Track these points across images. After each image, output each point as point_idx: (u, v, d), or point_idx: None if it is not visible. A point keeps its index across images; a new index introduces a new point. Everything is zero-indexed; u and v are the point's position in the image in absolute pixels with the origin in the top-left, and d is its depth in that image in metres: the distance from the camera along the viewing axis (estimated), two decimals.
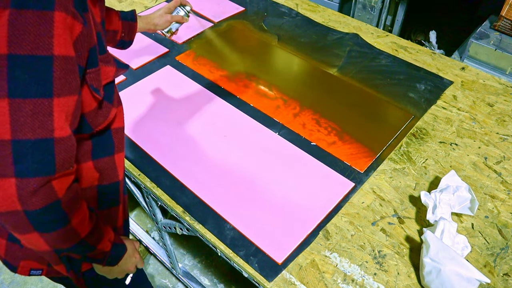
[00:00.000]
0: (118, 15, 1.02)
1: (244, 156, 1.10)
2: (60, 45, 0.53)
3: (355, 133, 1.16)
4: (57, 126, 0.54)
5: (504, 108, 1.24)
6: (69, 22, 0.54)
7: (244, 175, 1.05)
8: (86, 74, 0.61)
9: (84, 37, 0.57)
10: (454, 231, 0.86)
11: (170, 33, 1.19)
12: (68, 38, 0.54)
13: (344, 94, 1.29)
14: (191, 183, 1.03)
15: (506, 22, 1.54)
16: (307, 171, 1.06)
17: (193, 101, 1.26)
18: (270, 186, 1.02)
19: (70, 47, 0.54)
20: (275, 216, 0.96)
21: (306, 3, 1.72)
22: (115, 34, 1.03)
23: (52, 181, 0.56)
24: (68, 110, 0.56)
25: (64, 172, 0.57)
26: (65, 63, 0.54)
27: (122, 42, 1.07)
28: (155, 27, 1.15)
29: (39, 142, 0.53)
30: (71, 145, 0.57)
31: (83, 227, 0.64)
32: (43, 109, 0.53)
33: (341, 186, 1.03)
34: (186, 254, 1.75)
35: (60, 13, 0.52)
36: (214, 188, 1.02)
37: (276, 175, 1.05)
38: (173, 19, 1.16)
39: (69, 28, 0.54)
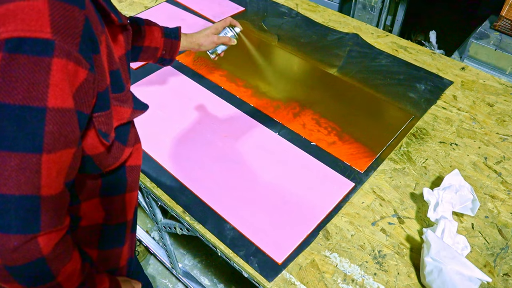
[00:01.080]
0: (161, 31, 0.99)
1: (244, 156, 1.10)
2: (56, 96, 0.47)
3: (355, 133, 1.16)
4: (45, 183, 0.49)
5: (504, 108, 1.24)
6: (70, 69, 0.48)
7: (244, 175, 1.05)
8: (93, 117, 0.55)
9: (89, 84, 0.51)
10: (454, 230, 0.86)
11: (215, 54, 1.13)
12: (66, 87, 0.48)
13: (344, 94, 1.29)
14: (191, 183, 1.03)
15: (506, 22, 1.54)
16: (307, 171, 1.06)
17: (193, 101, 1.26)
18: (270, 186, 1.02)
19: (68, 98, 0.48)
20: (275, 216, 0.96)
21: (306, 3, 1.72)
22: (156, 51, 1.00)
23: (38, 237, 0.50)
24: (62, 166, 0.50)
25: (51, 230, 0.51)
26: (61, 116, 0.48)
27: (162, 60, 1.04)
28: (199, 47, 1.09)
29: (24, 199, 0.48)
30: (61, 203, 0.52)
31: (70, 282, 0.57)
32: (30, 165, 0.47)
33: (341, 186, 1.03)
34: (186, 254, 1.75)
35: (59, 60, 0.46)
36: (214, 188, 1.02)
37: (276, 175, 1.05)
38: (219, 40, 1.10)
39: (70, 76, 0.48)
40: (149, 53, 1.01)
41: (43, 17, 0.45)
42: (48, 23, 0.46)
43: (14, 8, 0.45)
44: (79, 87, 0.50)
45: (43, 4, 0.46)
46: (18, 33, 0.44)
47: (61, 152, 0.49)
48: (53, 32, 0.46)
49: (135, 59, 1.02)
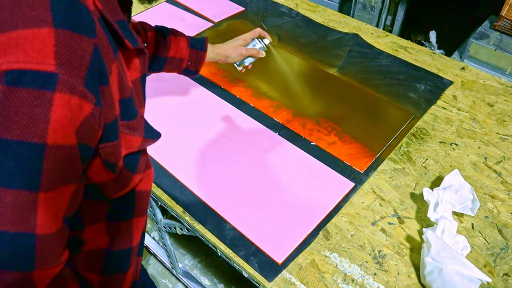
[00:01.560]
0: (187, 41, 0.97)
1: (244, 156, 1.10)
2: (57, 132, 0.43)
3: (355, 133, 1.16)
4: (41, 222, 0.46)
5: (504, 108, 1.24)
6: (74, 104, 0.44)
7: (244, 175, 1.05)
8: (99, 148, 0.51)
9: (95, 118, 0.47)
10: (454, 230, 0.86)
11: (242, 66, 1.11)
12: (68, 123, 0.44)
13: (344, 94, 1.29)
14: (191, 183, 1.03)
15: (506, 22, 1.54)
16: (307, 171, 1.06)
17: (193, 101, 1.26)
18: (270, 186, 1.02)
19: (70, 134, 0.45)
20: (275, 216, 0.96)
21: (306, 3, 1.72)
22: (181, 62, 0.98)
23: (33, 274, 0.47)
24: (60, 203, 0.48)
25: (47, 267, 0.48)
26: (61, 153, 0.45)
27: (187, 71, 1.02)
28: (226, 59, 1.06)
29: (19, 236, 0.45)
30: (58, 241, 0.49)
31: None
32: (26, 203, 0.44)
33: (341, 186, 1.03)
34: (186, 254, 1.75)
35: (62, 95, 0.43)
36: (214, 188, 1.02)
37: (276, 175, 1.05)
38: (247, 53, 1.06)
39: (74, 111, 0.44)
40: (174, 64, 0.99)
41: (47, 48, 0.42)
42: (52, 54, 0.42)
43: (17, 37, 0.42)
44: (83, 122, 0.46)
45: (49, 33, 0.42)
46: (19, 64, 0.41)
47: (61, 189, 0.47)
48: (57, 64, 0.42)
49: (159, 70, 1.01)
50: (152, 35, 0.97)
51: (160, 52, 0.96)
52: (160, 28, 0.98)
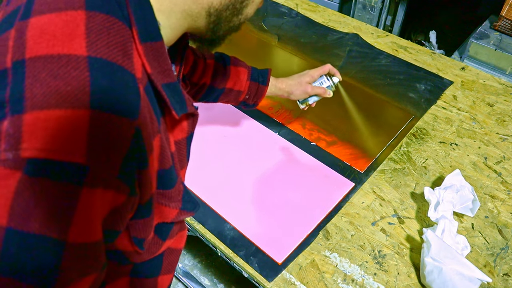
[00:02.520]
0: (248, 73, 0.90)
1: (244, 156, 1.10)
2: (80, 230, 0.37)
3: (355, 133, 1.16)
4: None
5: (504, 108, 1.24)
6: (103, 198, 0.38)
7: (244, 175, 1.05)
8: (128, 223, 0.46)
9: (127, 207, 0.42)
10: (455, 230, 0.86)
11: (306, 105, 1.01)
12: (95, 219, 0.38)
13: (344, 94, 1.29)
14: (191, 183, 1.03)
15: (506, 22, 1.54)
16: (307, 171, 1.06)
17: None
18: (270, 186, 1.02)
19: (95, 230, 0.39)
20: (275, 216, 0.96)
21: (306, 3, 1.72)
22: (239, 95, 0.91)
23: None
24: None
25: None
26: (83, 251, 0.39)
27: (244, 104, 0.95)
28: (288, 96, 0.97)
29: None
30: None
31: None
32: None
33: (341, 186, 1.03)
34: (186, 254, 1.75)
35: (91, 190, 0.37)
36: (214, 188, 1.02)
37: (276, 175, 1.05)
38: (313, 91, 0.96)
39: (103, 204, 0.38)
40: (231, 96, 0.93)
41: (79, 135, 0.35)
42: (84, 143, 0.36)
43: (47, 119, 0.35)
44: (113, 211, 0.40)
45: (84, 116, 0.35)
46: (45, 153, 0.35)
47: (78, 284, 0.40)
48: (88, 155, 0.36)
49: (214, 101, 0.95)
50: (211, 63, 0.90)
51: (217, 83, 0.89)
52: (220, 55, 0.92)
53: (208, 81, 0.91)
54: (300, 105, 1.03)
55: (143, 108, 0.41)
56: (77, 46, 0.37)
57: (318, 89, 0.97)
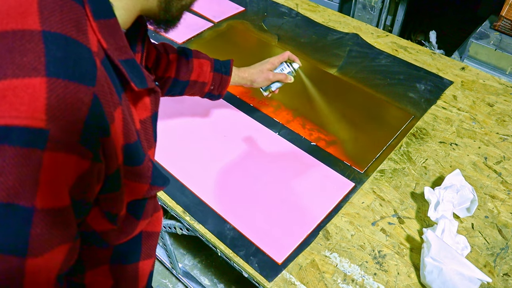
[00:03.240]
0: (211, 65, 0.92)
1: (244, 156, 1.10)
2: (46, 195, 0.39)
3: (355, 133, 1.16)
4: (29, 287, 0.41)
5: (504, 108, 1.24)
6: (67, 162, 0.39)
7: (244, 175, 1.05)
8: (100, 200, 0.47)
9: (92, 174, 0.43)
10: (455, 230, 0.86)
11: (269, 91, 1.04)
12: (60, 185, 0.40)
13: (344, 94, 1.29)
14: (191, 183, 1.03)
15: (506, 22, 1.54)
16: (307, 171, 1.06)
17: (193, 101, 1.26)
18: (270, 186, 1.02)
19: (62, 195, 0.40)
20: (275, 216, 0.96)
21: (306, 3, 1.72)
22: (203, 86, 0.94)
23: None
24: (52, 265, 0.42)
25: None
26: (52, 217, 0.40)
27: (209, 95, 0.98)
28: (251, 84, 1.00)
29: None
30: None
31: None
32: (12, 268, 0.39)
33: (341, 186, 1.03)
34: (186, 254, 1.75)
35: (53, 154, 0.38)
36: (214, 188, 1.02)
37: (276, 175, 1.05)
38: (275, 78, 1.00)
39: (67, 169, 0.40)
40: (196, 88, 0.95)
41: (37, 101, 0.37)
42: (43, 108, 0.37)
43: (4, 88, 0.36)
44: (79, 179, 0.41)
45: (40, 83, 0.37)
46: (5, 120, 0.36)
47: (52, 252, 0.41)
48: (48, 120, 0.37)
49: (180, 94, 0.98)
50: (174, 57, 0.93)
51: (182, 75, 0.92)
52: (182, 50, 0.94)
53: (172, 75, 0.93)
54: (263, 93, 1.05)
55: (100, 78, 0.42)
56: (31, 22, 0.38)
57: (279, 75, 1.00)
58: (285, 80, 1.01)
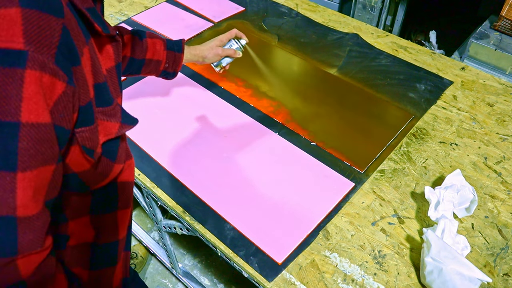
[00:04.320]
0: (163, 44, 0.97)
1: (244, 156, 1.10)
2: (30, 110, 0.44)
3: (355, 133, 1.16)
4: (21, 203, 0.45)
5: (504, 108, 1.24)
6: (45, 82, 0.44)
7: (244, 175, 1.05)
8: (76, 133, 0.52)
9: (68, 97, 0.48)
10: (455, 230, 0.86)
11: (220, 67, 1.10)
12: (41, 101, 0.44)
13: (344, 94, 1.29)
14: (191, 183, 1.03)
15: (506, 22, 1.54)
16: (307, 171, 1.06)
17: (193, 101, 1.26)
18: (270, 186, 1.02)
19: (44, 113, 0.45)
20: (275, 216, 0.96)
21: (306, 3, 1.72)
22: (158, 64, 0.98)
23: (17, 261, 0.47)
24: (40, 184, 0.47)
25: (30, 252, 0.48)
26: (36, 132, 0.45)
27: (165, 73, 1.02)
28: (203, 60, 1.07)
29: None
30: (39, 224, 0.48)
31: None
32: (4, 184, 0.44)
33: (341, 186, 1.03)
34: (186, 254, 1.75)
35: (33, 72, 0.43)
36: (214, 188, 1.02)
37: (276, 175, 1.05)
38: (224, 53, 1.07)
39: (46, 89, 0.45)
40: (152, 66, 0.99)
41: (15, 27, 0.42)
42: (20, 32, 0.43)
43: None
44: (57, 101, 0.46)
45: (16, 13, 0.43)
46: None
47: (38, 170, 0.46)
48: (26, 42, 0.43)
49: (137, 73, 1.01)
50: (129, 38, 0.97)
51: (137, 54, 0.95)
52: (136, 31, 0.98)
53: (128, 53, 0.97)
54: (215, 69, 1.11)
55: (67, 14, 0.48)
56: None
57: (228, 50, 1.06)
58: (234, 55, 1.08)
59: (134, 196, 1.28)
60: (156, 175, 1.06)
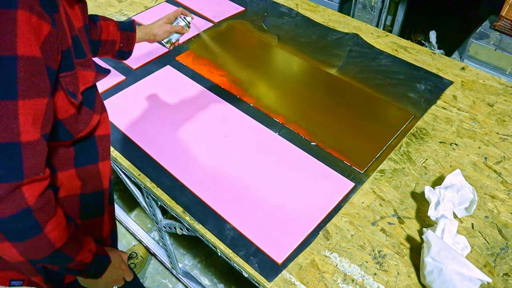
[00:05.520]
0: (116, 25, 1.02)
1: (244, 156, 1.10)
2: (25, 45, 0.51)
3: (355, 133, 1.16)
4: (23, 129, 0.52)
5: (504, 108, 1.24)
6: (34, 22, 0.51)
7: (244, 175, 1.05)
8: (60, 77, 0.59)
9: (53, 38, 0.55)
10: (455, 230, 0.86)
11: (170, 43, 1.16)
12: (33, 38, 0.52)
13: (344, 94, 1.29)
14: (191, 183, 1.03)
15: (506, 22, 1.54)
16: (307, 171, 1.06)
17: (193, 101, 1.26)
18: (270, 186, 1.02)
19: (35, 48, 0.52)
20: (275, 216, 0.96)
21: (306, 3, 1.72)
22: (113, 44, 1.02)
23: (22, 187, 0.53)
24: (37, 113, 0.54)
25: (34, 178, 0.54)
26: (31, 64, 0.52)
27: (121, 53, 1.06)
28: (154, 37, 1.12)
29: (5, 146, 0.51)
30: (40, 149, 0.55)
31: (58, 236, 0.61)
32: (7, 111, 0.51)
33: (341, 186, 1.03)
34: (186, 254, 1.75)
35: (23, 12, 0.50)
36: (214, 188, 1.02)
37: (276, 175, 1.05)
38: (172, 29, 1.13)
39: (35, 28, 0.52)
40: (108, 47, 1.03)
41: None
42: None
43: None
44: (45, 40, 0.53)
45: None
46: None
47: (35, 100, 0.53)
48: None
49: (95, 54, 1.04)
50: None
51: (93, 36, 0.98)
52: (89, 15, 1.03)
53: None
54: (165, 45, 1.16)
55: None
56: None
57: (176, 27, 1.13)
58: (181, 31, 1.14)
59: (134, 196, 1.29)
60: (156, 175, 1.05)
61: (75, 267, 0.68)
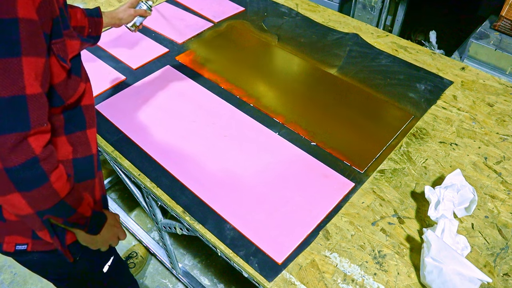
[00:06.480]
0: (83, 12, 1.06)
1: (244, 156, 1.10)
2: (24, 8, 0.57)
3: (355, 133, 1.16)
4: (28, 83, 0.58)
5: (504, 108, 1.24)
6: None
7: (244, 175, 1.05)
8: (52, 44, 0.65)
9: (46, 5, 0.61)
10: (455, 230, 0.86)
11: (135, 27, 1.23)
12: (30, 2, 0.58)
13: (344, 94, 1.29)
14: (191, 183, 1.03)
15: (506, 22, 1.54)
16: (307, 171, 1.06)
17: (193, 101, 1.26)
18: (270, 186, 1.02)
19: (33, 12, 0.58)
20: (275, 216, 0.96)
21: (306, 3, 1.72)
22: (82, 30, 1.06)
23: (29, 137, 0.60)
24: (37, 70, 0.60)
25: (39, 129, 0.61)
26: (30, 26, 0.58)
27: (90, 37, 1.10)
28: (120, 21, 1.19)
29: (13, 99, 0.57)
30: (43, 102, 0.61)
31: (62, 186, 0.68)
32: (13, 67, 0.57)
33: (341, 186, 1.03)
34: (186, 254, 1.75)
35: None
36: (214, 188, 1.02)
37: (276, 175, 1.05)
38: (136, 13, 1.20)
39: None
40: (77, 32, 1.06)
41: None
42: None
43: None
44: (39, 6, 0.59)
45: None
46: None
47: (35, 58, 0.59)
48: None
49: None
50: None
51: None
52: None
53: None
54: (130, 28, 1.23)
55: None
56: None
57: (139, 11, 1.21)
58: (145, 14, 1.22)
59: (134, 196, 1.29)
60: (156, 175, 1.06)
61: (77, 220, 0.74)
